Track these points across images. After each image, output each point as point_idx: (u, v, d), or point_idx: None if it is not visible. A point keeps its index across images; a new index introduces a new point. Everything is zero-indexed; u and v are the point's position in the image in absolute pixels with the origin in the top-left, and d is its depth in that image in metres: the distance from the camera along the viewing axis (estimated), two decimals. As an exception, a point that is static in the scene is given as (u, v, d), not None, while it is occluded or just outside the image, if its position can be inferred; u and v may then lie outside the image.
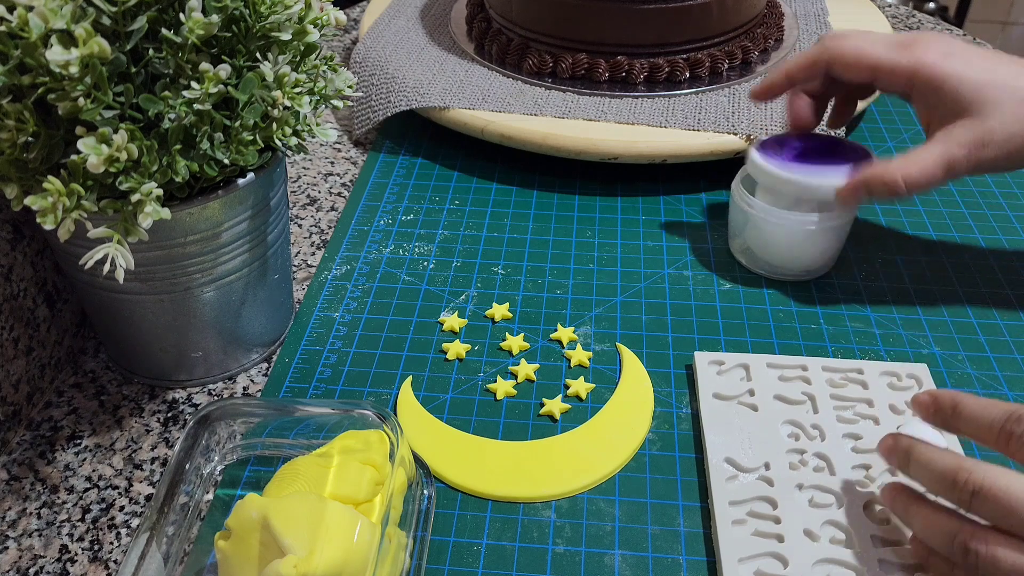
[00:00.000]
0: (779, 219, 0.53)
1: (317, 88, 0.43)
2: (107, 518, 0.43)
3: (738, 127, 0.62)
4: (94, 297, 0.46)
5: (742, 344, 0.51)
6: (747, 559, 0.39)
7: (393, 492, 0.37)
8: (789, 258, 0.55)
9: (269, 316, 0.50)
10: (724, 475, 0.43)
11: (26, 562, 0.41)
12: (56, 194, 0.35)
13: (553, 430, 0.46)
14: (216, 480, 0.43)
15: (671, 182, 0.66)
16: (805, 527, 0.40)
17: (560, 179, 0.66)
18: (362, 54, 0.73)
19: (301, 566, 0.32)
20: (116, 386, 0.50)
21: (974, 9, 2.02)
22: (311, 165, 0.70)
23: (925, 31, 0.53)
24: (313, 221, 0.63)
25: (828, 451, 0.43)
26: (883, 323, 0.53)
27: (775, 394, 0.47)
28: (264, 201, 0.45)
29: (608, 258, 0.58)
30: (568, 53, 0.68)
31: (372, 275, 0.57)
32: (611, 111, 0.65)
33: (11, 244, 0.46)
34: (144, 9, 0.36)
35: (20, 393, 0.47)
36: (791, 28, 0.77)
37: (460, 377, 0.50)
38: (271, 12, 0.39)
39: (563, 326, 0.53)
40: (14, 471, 0.45)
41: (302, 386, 0.49)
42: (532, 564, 0.40)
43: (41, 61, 0.33)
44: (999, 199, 0.64)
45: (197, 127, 0.39)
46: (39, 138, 0.36)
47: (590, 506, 0.43)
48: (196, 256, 0.43)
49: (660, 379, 0.49)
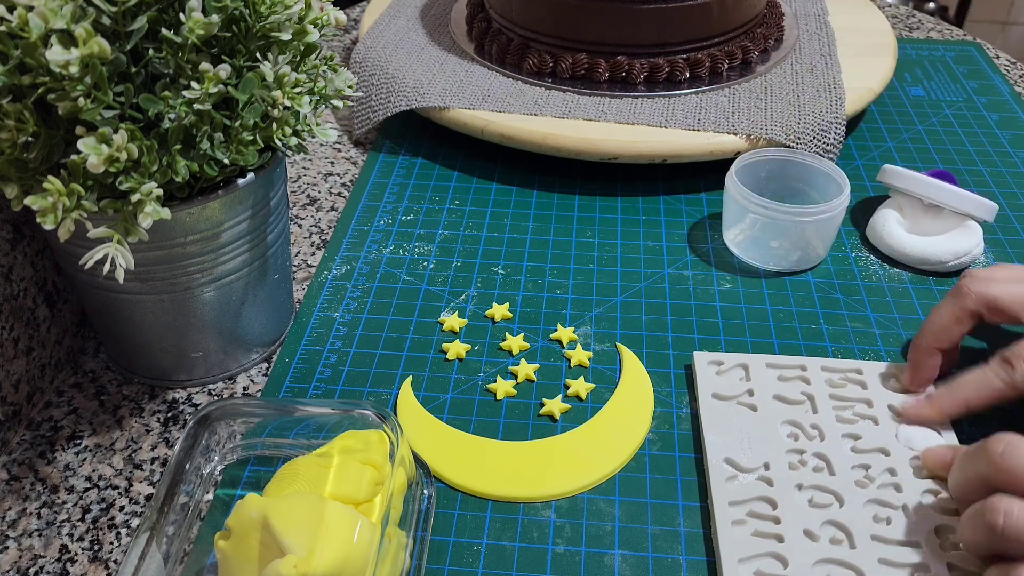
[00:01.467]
0: (773, 210, 0.53)
1: (317, 88, 0.43)
2: (107, 518, 0.43)
3: (738, 127, 0.62)
4: (94, 297, 0.46)
5: (742, 344, 0.51)
6: (747, 559, 0.39)
7: (393, 492, 0.37)
8: (782, 250, 0.55)
9: (269, 316, 0.50)
10: (724, 475, 0.43)
11: (26, 562, 0.41)
12: (56, 194, 0.35)
13: (553, 430, 0.46)
14: (216, 480, 0.43)
15: (671, 182, 0.66)
16: (805, 527, 0.40)
17: (560, 179, 0.66)
18: (362, 54, 0.73)
19: (301, 566, 0.32)
20: (116, 386, 0.50)
21: (974, 9, 2.02)
22: (311, 165, 0.70)
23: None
24: (313, 221, 0.63)
25: (827, 451, 0.43)
26: (883, 323, 0.53)
27: (774, 394, 0.47)
28: (264, 201, 0.45)
29: (608, 258, 0.58)
30: (568, 53, 0.68)
31: (372, 275, 0.57)
32: (611, 111, 0.65)
33: (11, 244, 0.46)
34: (144, 9, 0.36)
35: (20, 393, 0.47)
36: (791, 28, 0.77)
37: (460, 377, 0.50)
38: (271, 12, 0.39)
39: (563, 326, 0.53)
40: (14, 471, 0.45)
41: (302, 386, 0.49)
42: (532, 564, 0.40)
43: (41, 61, 0.33)
44: (999, 199, 0.64)
45: (197, 127, 0.39)
46: (39, 138, 0.36)
47: (590, 506, 0.43)
48: (196, 256, 0.43)
49: (660, 379, 0.49)
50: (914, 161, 0.68)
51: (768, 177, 0.59)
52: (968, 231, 0.56)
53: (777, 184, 0.59)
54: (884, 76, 0.69)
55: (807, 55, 0.72)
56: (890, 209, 0.59)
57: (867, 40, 0.75)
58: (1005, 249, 0.59)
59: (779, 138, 0.61)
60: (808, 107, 0.64)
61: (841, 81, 0.67)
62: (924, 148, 0.70)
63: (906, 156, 0.69)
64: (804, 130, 0.62)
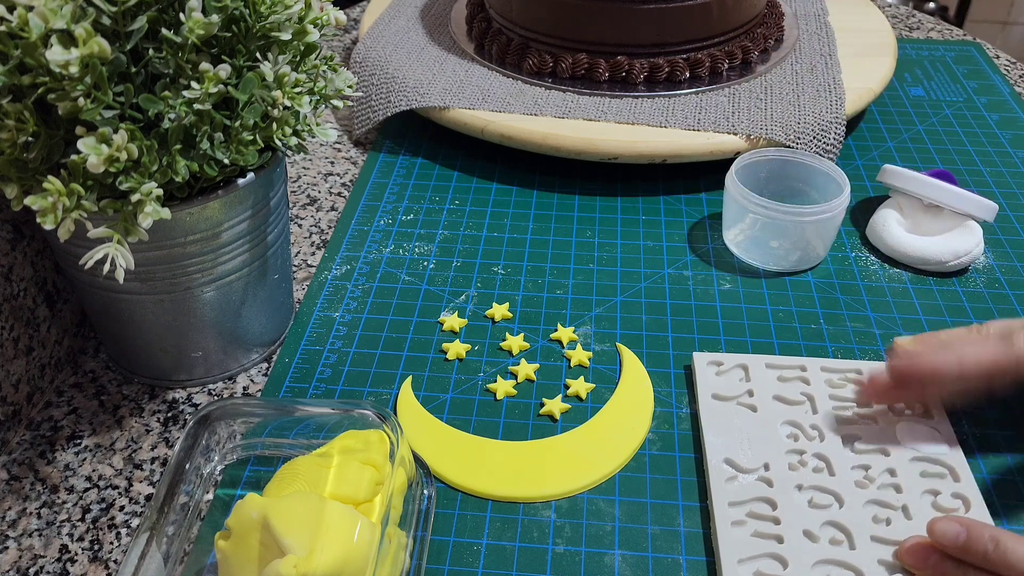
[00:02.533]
0: (773, 210, 0.53)
1: (317, 88, 0.43)
2: (107, 518, 0.43)
3: (738, 127, 0.62)
4: (94, 297, 0.46)
5: (742, 344, 0.51)
6: (747, 560, 0.39)
7: (393, 492, 0.37)
8: (782, 250, 0.55)
9: (269, 316, 0.50)
10: (723, 476, 0.43)
11: (26, 562, 0.41)
12: (56, 194, 0.35)
13: (553, 430, 0.46)
14: (216, 480, 0.43)
15: (671, 182, 0.66)
16: (805, 528, 0.40)
17: (560, 179, 0.66)
18: (362, 54, 0.73)
19: (301, 566, 0.32)
20: (116, 386, 0.50)
21: (974, 9, 2.02)
22: (311, 165, 0.70)
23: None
24: (313, 221, 0.63)
25: (827, 452, 0.43)
26: (883, 323, 0.53)
27: (774, 395, 0.47)
28: (264, 201, 0.45)
29: (608, 258, 0.58)
30: (568, 53, 0.68)
31: (372, 275, 0.57)
32: (611, 111, 0.65)
33: (11, 244, 0.46)
34: (144, 9, 0.36)
35: (20, 393, 0.47)
36: (791, 28, 0.77)
37: (460, 377, 0.50)
38: (271, 12, 0.39)
39: (563, 326, 0.53)
40: (14, 471, 0.45)
41: (302, 386, 0.49)
42: (532, 564, 0.40)
43: (41, 61, 0.33)
44: (999, 199, 0.64)
45: (197, 127, 0.39)
46: (39, 138, 0.36)
47: (590, 506, 0.43)
48: (196, 256, 0.43)
49: (660, 379, 0.49)
50: (914, 161, 0.68)
51: (768, 177, 0.59)
52: (968, 231, 0.56)
53: (777, 184, 0.59)
54: (884, 76, 0.69)
55: (807, 55, 0.72)
56: (890, 209, 0.59)
57: (867, 40, 0.75)
58: (1005, 249, 0.59)
59: (779, 138, 0.61)
60: (808, 107, 0.64)
61: (841, 81, 0.67)
62: (924, 148, 0.70)
63: (906, 156, 0.69)
64: (804, 130, 0.62)
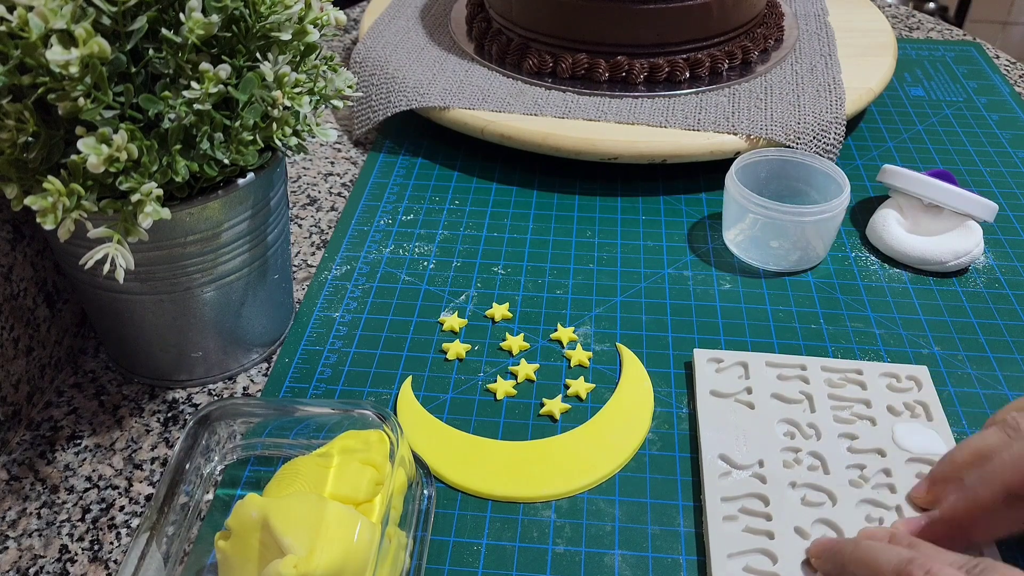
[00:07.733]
0: (772, 210, 0.53)
1: (317, 88, 0.43)
2: (107, 518, 0.43)
3: (738, 127, 0.62)
4: (94, 297, 0.46)
5: (742, 344, 0.51)
6: (736, 555, 0.39)
7: (393, 492, 0.37)
8: (782, 250, 0.55)
9: (269, 316, 0.50)
10: (717, 471, 0.43)
11: (26, 562, 0.41)
12: (56, 194, 0.35)
13: (553, 430, 0.46)
14: (216, 480, 0.43)
15: (671, 182, 0.66)
16: (796, 525, 0.40)
17: (560, 179, 0.66)
18: (362, 54, 0.73)
19: (301, 566, 0.32)
20: (116, 386, 0.50)
21: (974, 9, 2.02)
22: (311, 165, 0.70)
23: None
24: (313, 221, 0.63)
25: (823, 450, 0.43)
26: (883, 323, 0.53)
27: (772, 392, 0.47)
28: (264, 201, 0.45)
29: (608, 258, 0.58)
30: (568, 53, 0.68)
31: (372, 275, 0.57)
32: (611, 111, 0.65)
33: (11, 244, 0.46)
34: (144, 9, 0.36)
35: (20, 393, 0.47)
36: (791, 28, 0.77)
37: (460, 377, 0.50)
38: (271, 12, 0.39)
39: (563, 326, 0.53)
40: (14, 471, 0.45)
41: (302, 386, 0.49)
42: (532, 564, 0.40)
43: (41, 61, 0.33)
44: (999, 199, 0.64)
45: (197, 127, 0.39)
46: (39, 138, 0.36)
47: (590, 506, 0.43)
48: (196, 256, 0.43)
49: (660, 379, 0.49)
50: (914, 161, 0.68)
51: (768, 177, 0.59)
52: (968, 231, 0.56)
53: (777, 184, 0.59)
54: (884, 76, 0.69)
55: (807, 55, 0.72)
56: (890, 209, 0.59)
57: (867, 40, 0.75)
58: (1005, 249, 0.59)
59: (779, 138, 0.61)
60: (808, 107, 0.64)
61: (841, 81, 0.67)
62: (924, 148, 0.70)
63: (906, 156, 0.69)
64: (804, 130, 0.62)
